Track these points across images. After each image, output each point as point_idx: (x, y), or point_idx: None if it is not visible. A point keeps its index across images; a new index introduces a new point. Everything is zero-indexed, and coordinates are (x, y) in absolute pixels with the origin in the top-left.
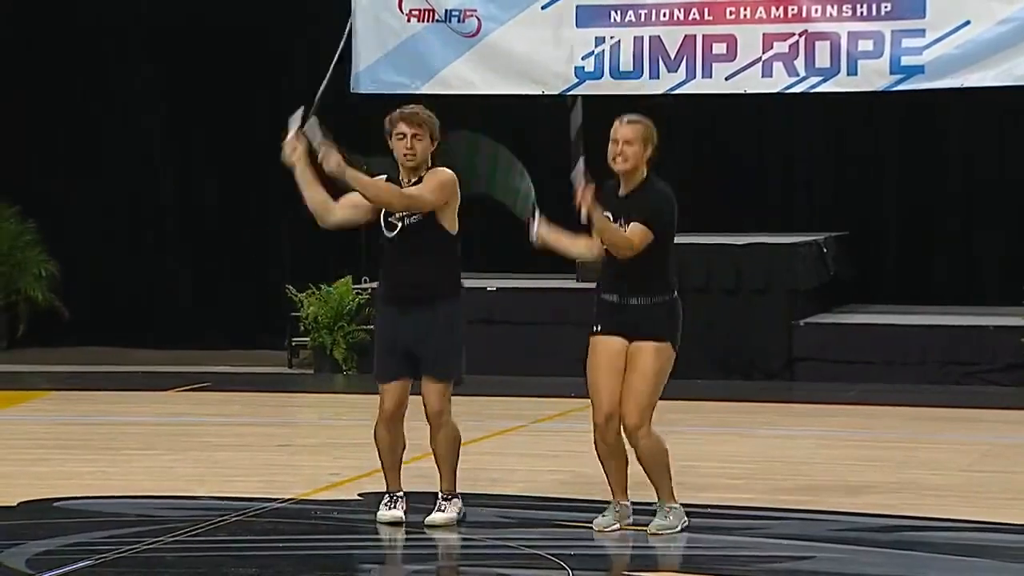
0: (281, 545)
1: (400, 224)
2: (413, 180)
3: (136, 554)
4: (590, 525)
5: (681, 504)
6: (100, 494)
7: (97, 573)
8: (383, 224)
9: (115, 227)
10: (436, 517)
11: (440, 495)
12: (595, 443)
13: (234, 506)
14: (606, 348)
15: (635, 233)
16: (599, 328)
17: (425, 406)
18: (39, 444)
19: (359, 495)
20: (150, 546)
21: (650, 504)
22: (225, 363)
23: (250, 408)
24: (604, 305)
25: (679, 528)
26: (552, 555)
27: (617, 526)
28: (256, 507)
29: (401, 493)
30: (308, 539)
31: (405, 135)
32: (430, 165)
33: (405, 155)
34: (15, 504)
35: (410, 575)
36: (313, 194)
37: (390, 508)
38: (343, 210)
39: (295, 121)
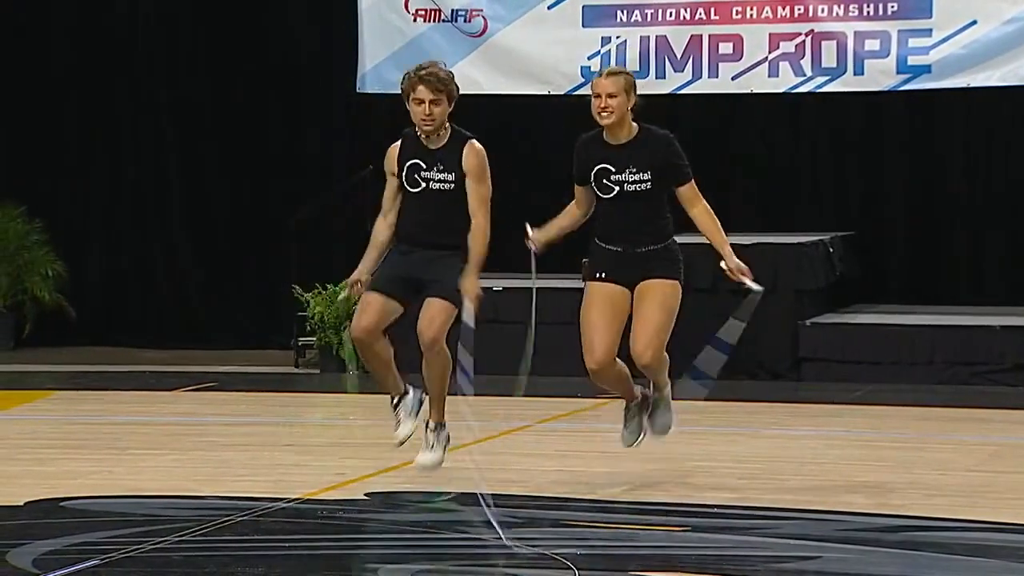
0: (287, 545)
1: (425, 184)
2: (433, 144)
3: (142, 554)
4: (596, 524)
5: (685, 503)
6: (106, 494)
7: (103, 573)
8: (405, 179)
9: (121, 227)
10: (425, 459)
11: (428, 425)
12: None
13: (240, 506)
14: (606, 291)
15: (699, 199)
16: (602, 275)
17: (421, 332)
18: (45, 444)
19: (365, 495)
20: (156, 546)
21: (649, 504)
22: (231, 363)
23: (256, 408)
24: (607, 254)
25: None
26: (558, 555)
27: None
28: (262, 507)
29: (410, 393)
30: (314, 539)
31: (423, 100)
32: (447, 126)
33: (423, 120)
34: (21, 504)
35: (416, 575)
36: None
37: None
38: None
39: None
